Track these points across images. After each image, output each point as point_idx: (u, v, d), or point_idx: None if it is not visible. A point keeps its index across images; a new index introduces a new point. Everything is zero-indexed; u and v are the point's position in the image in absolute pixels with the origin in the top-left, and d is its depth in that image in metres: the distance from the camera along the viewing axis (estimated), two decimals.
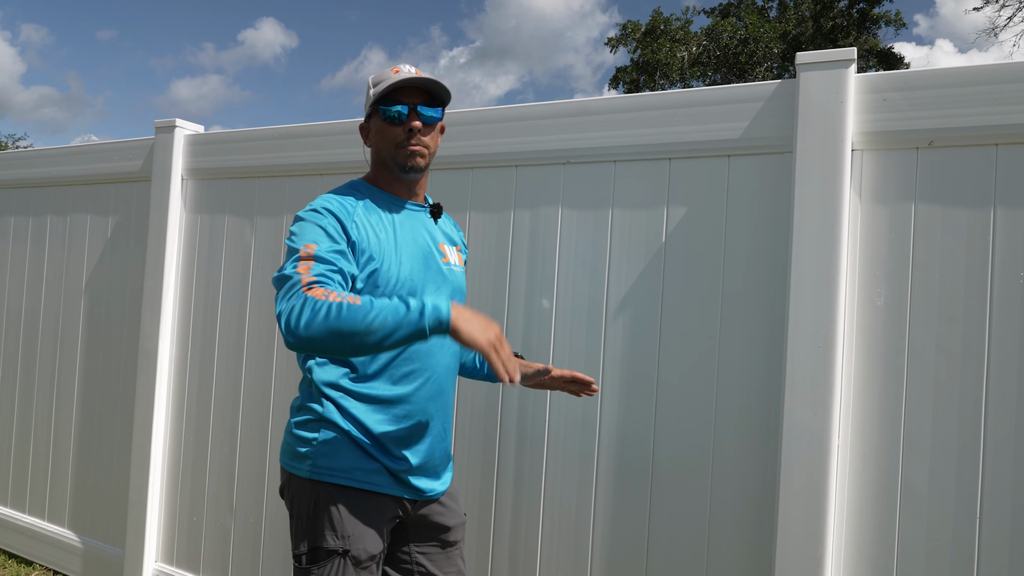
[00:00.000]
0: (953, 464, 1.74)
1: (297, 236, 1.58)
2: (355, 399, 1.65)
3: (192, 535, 2.96)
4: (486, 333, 1.42)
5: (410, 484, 1.69)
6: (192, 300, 3.01)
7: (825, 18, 17.49)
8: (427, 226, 1.78)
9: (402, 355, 1.67)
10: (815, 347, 1.81)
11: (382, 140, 1.73)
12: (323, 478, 1.62)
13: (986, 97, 1.73)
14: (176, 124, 3.04)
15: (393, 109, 1.69)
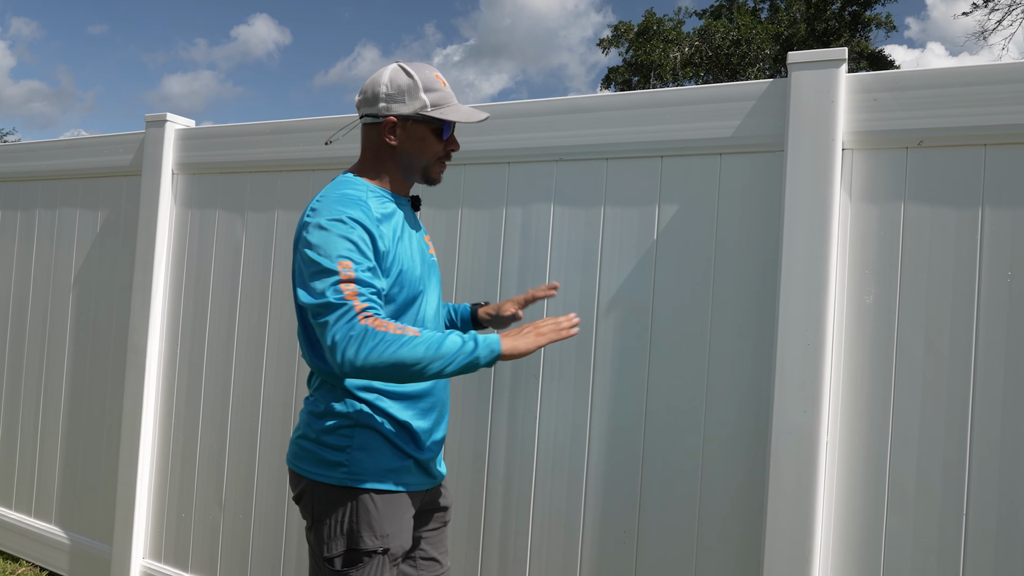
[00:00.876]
0: (940, 462, 1.75)
1: (324, 250, 1.50)
2: (390, 398, 1.67)
3: (180, 531, 2.95)
4: (534, 342, 1.56)
5: (431, 472, 1.77)
6: (182, 295, 3.00)
7: (817, 20, 17.57)
8: (415, 221, 1.81)
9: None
10: (805, 345, 1.82)
11: (421, 149, 1.72)
12: (360, 484, 1.62)
13: (975, 98, 1.74)
14: (167, 118, 3.02)
15: (447, 127, 1.73)
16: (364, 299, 1.47)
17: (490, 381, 2.32)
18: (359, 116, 1.75)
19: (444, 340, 1.47)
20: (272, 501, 2.72)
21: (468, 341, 1.49)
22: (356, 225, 1.54)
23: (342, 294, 1.46)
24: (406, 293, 1.65)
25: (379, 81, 1.71)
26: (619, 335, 2.13)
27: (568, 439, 2.19)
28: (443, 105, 1.70)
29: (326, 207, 1.58)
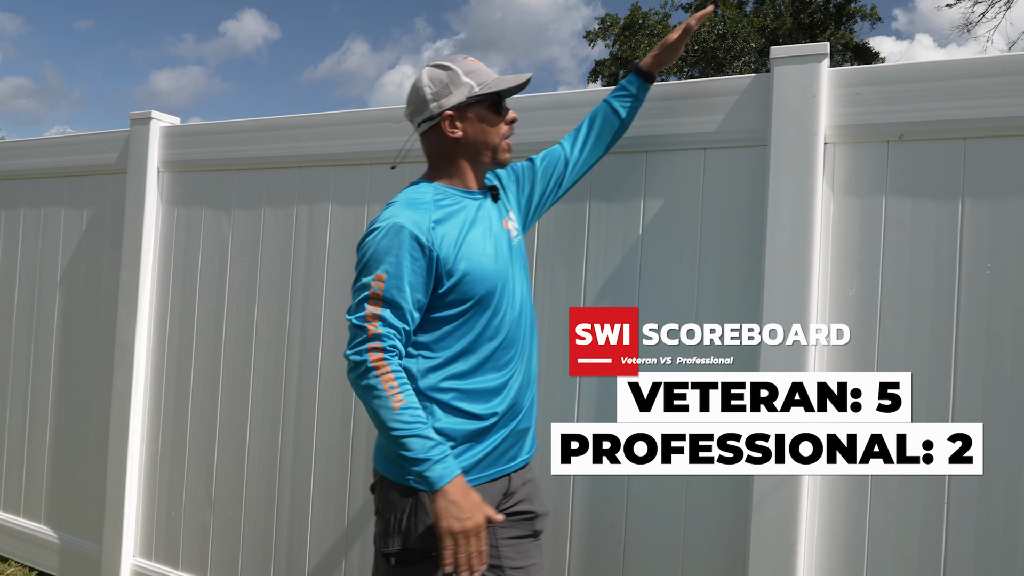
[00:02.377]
0: None
1: (366, 260, 1.60)
2: (464, 399, 1.66)
3: (170, 529, 2.95)
4: (458, 523, 1.50)
5: (508, 454, 1.73)
6: (169, 293, 2.99)
7: (802, 13, 17.62)
8: (493, 209, 1.79)
9: (502, 345, 1.70)
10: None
11: (485, 133, 1.73)
12: (419, 486, 1.62)
13: (954, 92, 1.77)
14: (152, 116, 3.01)
15: (501, 104, 1.73)
16: (384, 326, 1.56)
17: None
18: (415, 128, 1.78)
19: (410, 429, 1.52)
20: (262, 499, 2.73)
21: (424, 453, 1.51)
22: (403, 233, 1.59)
23: (364, 315, 1.57)
24: (477, 291, 1.65)
25: (419, 86, 1.74)
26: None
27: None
28: (488, 80, 1.71)
29: (383, 214, 1.64)
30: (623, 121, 1.97)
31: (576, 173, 1.97)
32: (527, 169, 1.93)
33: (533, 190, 1.92)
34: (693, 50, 16.90)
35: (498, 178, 1.90)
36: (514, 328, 1.72)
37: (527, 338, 1.77)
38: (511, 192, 1.90)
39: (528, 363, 1.78)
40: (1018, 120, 1.71)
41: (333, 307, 2.60)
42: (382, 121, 2.52)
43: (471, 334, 1.66)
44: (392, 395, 1.52)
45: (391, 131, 2.50)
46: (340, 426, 2.57)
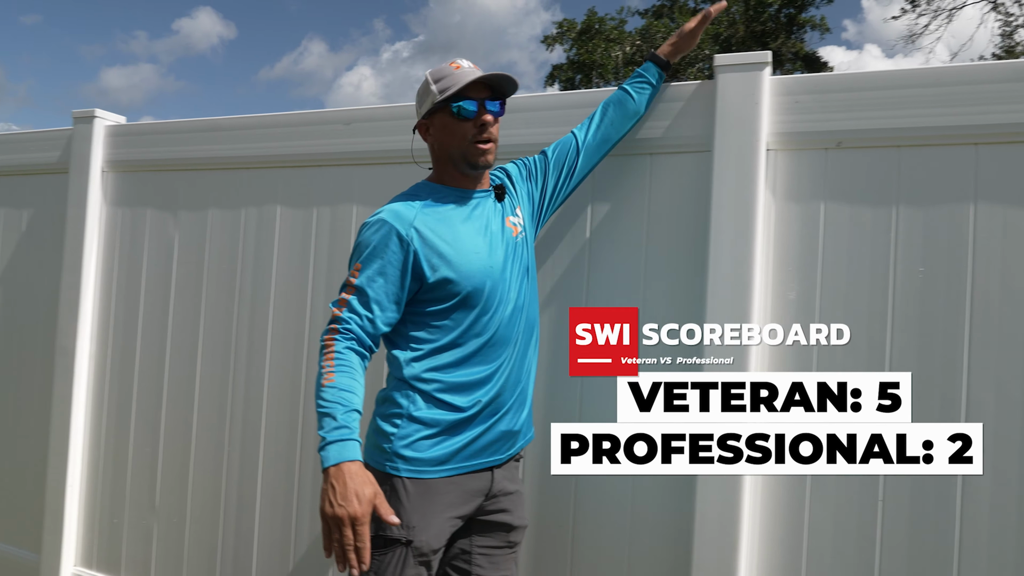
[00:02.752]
0: None
1: (354, 250, 1.73)
2: (446, 391, 1.69)
3: (112, 537, 2.88)
4: (329, 507, 1.49)
5: (491, 448, 1.74)
6: (112, 296, 2.93)
7: (755, 21, 17.97)
8: (495, 209, 1.81)
9: (489, 342, 1.72)
10: (731, 341, 1.88)
11: (451, 137, 1.75)
12: (398, 472, 1.66)
13: (888, 101, 1.82)
14: (95, 114, 2.95)
15: (464, 105, 1.72)
16: (348, 311, 1.65)
17: None
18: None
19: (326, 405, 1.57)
20: (207, 505, 2.68)
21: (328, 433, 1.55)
22: (384, 228, 1.68)
23: (336, 301, 1.68)
24: (463, 288, 1.69)
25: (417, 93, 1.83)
26: (553, 332, 2.16)
27: None
28: (451, 87, 1.72)
29: (378, 209, 1.74)
30: (637, 105, 2.00)
31: (590, 158, 1.99)
32: (539, 162, 1.96)
33: (546, 182, 1.95)
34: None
35: (508, 175, 1.93)
36: (505, 326, 1.74)
37: (521, 337, 1.79)
38: (522, 189, 1.92)
39: (519, 362, 1.79)
40: (948, 130, 1.77)
41: (281, 310, 2.57)
42: (331, 123, 2.51)
43: (457, 329, 1.71)
44: (326, 372, 1.60)
45: (340, 133, 2.48)
46: (288, 430, 2.54)
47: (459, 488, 1.71)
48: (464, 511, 1.73)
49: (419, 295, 1.70)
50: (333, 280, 2.48)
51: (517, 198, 1.90)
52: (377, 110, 2.45)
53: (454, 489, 1.70)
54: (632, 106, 1.99)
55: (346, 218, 2.48)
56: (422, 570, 1.66)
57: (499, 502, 1.80)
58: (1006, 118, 1.73)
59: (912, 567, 1.78)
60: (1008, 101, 1.73)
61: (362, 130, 2.45)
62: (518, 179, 1.93)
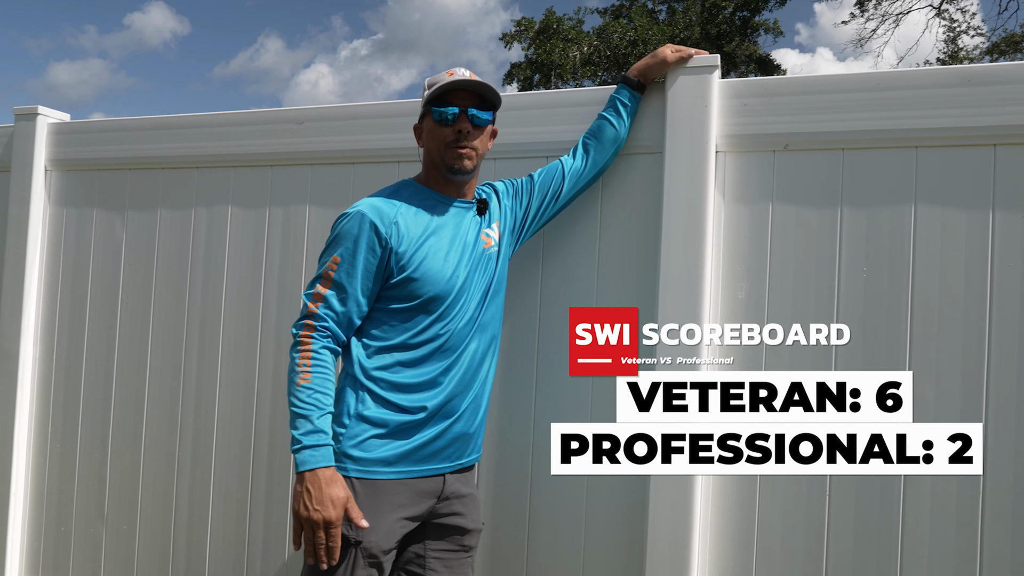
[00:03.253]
0: None
1: (331, 241, 1.73)
2: (393, 389, 1.70)
3: (60, 546, 2.81)
4: (304, 511, 1.57)
5: (443, 454, 1.75)
6: (57, 299, 2.85)
7: (710, 24, 18.21)
8: (473, 221, 1.84)
9: (443, 348, 1.74)
10: (683, 339, 1.90)
11: (432, 141, 1.79)
12: (347, 472, 1.66)
13: (833, 105, 1.87)
14: (38, 111, 2.87)
15: (444, 110, 1.75)
16: (326, 307, 1.68)
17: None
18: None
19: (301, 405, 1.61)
20: (158, 512, 2.63)
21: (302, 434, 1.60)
22: (365, 222, 1.69)
23: (311, 294, 1.70)
24: (425, 292, 1.71)
25: None
26: (508, 332, 2.17)
27: None
28: (437, 91, 1.77)
29: (358, 201, 1.75)
30: (617, 131, 2.01)
31: (576, 185, 2.01)
32: (526, 184, 1.99)
33: (531, 203, 1.97)
34: (605, 56, 17.23)
35: (495, 191, 1.96)
36: (459, 334, 1.75)
37: (477, 348, 1.79)
38: (506, 205, 1.95)
39: (473, 371, 1.79)
40: (889, 133, 1.82)
41: (233, 311, 2.54)
42: (284, 122, 2.48)
43: (412, 330, 1.73)
44: (301, 371, 1.62)
45: (293, 132, 2.46)
46: (241, 435, 2.51)
47: (409, 489, 1.71)
48: (415, 512, 1.73)
49: (382, 292, 1.73)
50: (286, 281, 2.45)
51: (499, 214, 1.93)
52: (329, 110, 2.43)
53: (404, 490, 1.70)
54: (612, 132, 2.01)
55: (299, 218, 2.45)
56: (373, 571, 1.66)
57: (452, 505, 1.80)
58: (944, 122, 1.78)
59: (857, 559, 1.82)
60: (946, 106, 1.78)
61: (314, 130, 2.43)
62: (504, 195, 1.96)
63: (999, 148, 1.76)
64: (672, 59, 1.97)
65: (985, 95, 1.76)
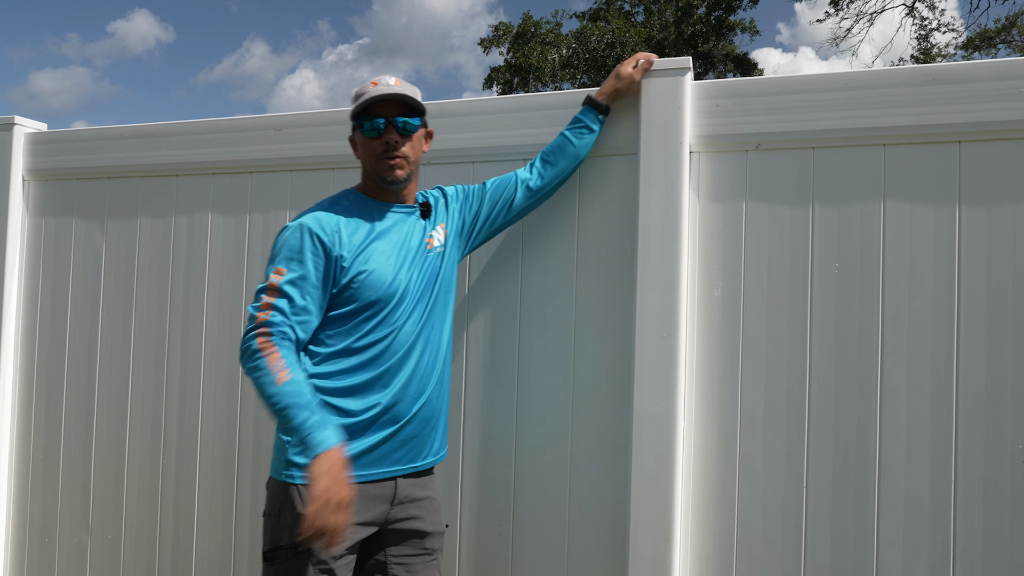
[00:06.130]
0: (783, 440, 1.91)
1: (274, 253, 1.71)
2: (335, 395, 1.70)
3: (44, 555, 2.80)
4: (330, 490, 1.48)
5: (393, 456, 1.74)
6: (38, 308, 2.84)
7: (686, 24, 18.33)
8: (417, 225, 1.85)
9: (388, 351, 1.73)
10: (660, 337, 1.94)
11: (364, 153, 1.81)
12: (293, 480, 1.66)
13: (803, 104, 1.91)
14: (15, 121, 2.86)
15: (370, 124, 1.76)
16: (275, 313, 1.64)
17: None
18: None
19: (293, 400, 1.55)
20: (143, 520, 2.63)
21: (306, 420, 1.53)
22: (308, 233, 1.69)
23: (259, 305, 1.66)
24: (369, 297, 1.71)
25: None
26: (489, 334, 2.19)
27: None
28: (361, 104, 1.77)
29: (300, 214, 1.75)
30: (577, 150, 2.03)
31: (530, 198, 2.02)
32: (478, 191, 2.01)
33: (480, 210, 1.99)
34: (584, 59, 17.30)
35: (443, 194, 1.98)
36: (404, 338, 1.75)
37: (426, 350, 1.80)
38: (454, 208, 1.96)
39: (424, 374, 1.79)
40: (857, 132, 1.86)
41: (215, 317, 2.54)
42: (263, 129, 2.49)
43: (355, 335, 1.73)
44: (277, 372, 1.58)
45: (273, 139, 2.47)
46: (225, 441, 2.51)
47: (359, 494, 1.68)
48: (367, 517, 1.72)
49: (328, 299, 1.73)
50: None
51: (445, 216, 1.94)
52: (308, 116, 2.45)
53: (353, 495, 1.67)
54: (572, 151, 2.03)
55: (280, 225, 2.46)
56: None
57: (407, 509, 1.80)
58: (911, 120, 1.83)
59: (835, 548, 1.86)
60: (912, 104, 1.83)
61: (294, 136, 2.45)
62: (453, 199, 1.98)
63: (963, 145, 1.81)
64: (639, 76, 2.01)
65: (950, 93, 1.81)
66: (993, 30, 16.32)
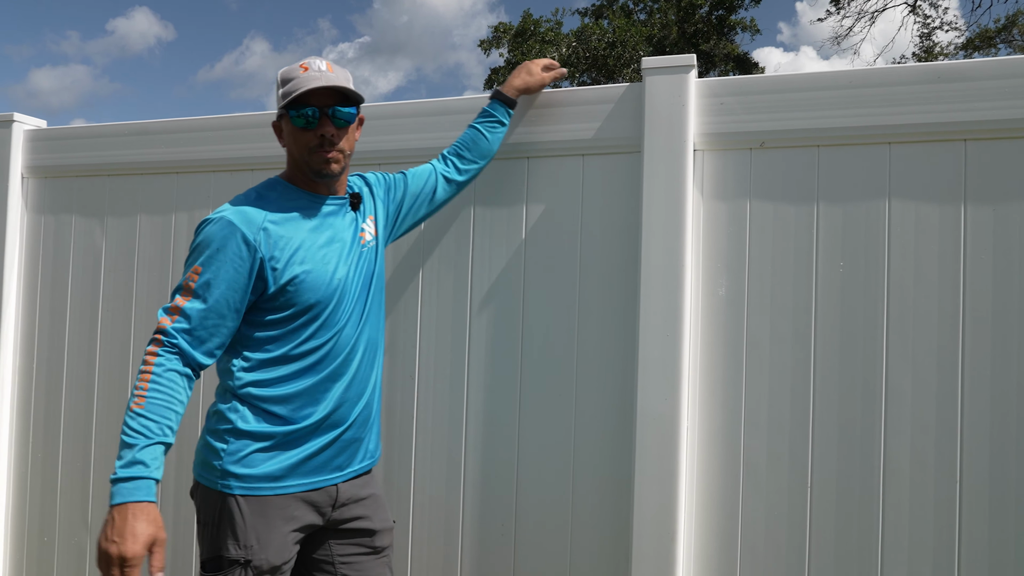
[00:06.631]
0: (787, 440, 1.90)
1: (194, 249, 1.59)
2: (267, 401, 1.63)
3: (43, 556, 2.79)
4: (114, 544, 1.37)
5: (333, 463, 1.69)
6: (37, 306, 2.83)
7: (687, 23, 18.32)
8: (348, 218, 1.76)
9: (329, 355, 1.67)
10: (664, 337, 1.92)
11: (294, 144, 1.67)
12: (229, 490, 1.60)
13: (807, 103, 1.90)
14: (14, 119, 2.84)
15: (303, 114, 1.62)
16: (179, 321, 1.53)
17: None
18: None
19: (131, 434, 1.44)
20: None
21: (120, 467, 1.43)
22: (231, 231, 1.57)
23: (168, 307, 1.55)
24: (307, 299, 1.62)
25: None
26: (491, 332, 2.18)
27: (445, 436, 2.22)
28: (292, 92, 1.62)
29: (222, 206, 1.63)
30: (490, 145, 2.05)
31: (448, 191, 2.02)
32: (399, 180, 1.97)
33: (403, 199, 1.95)
34: (584, 57, 17.29)
35: (367, 183, 1.90)
36: (345, 340, 1.69)
37: (363, 351, 1.74)
38: (380, 196, 1.90)
39: (364, 375, 1.75)
40: (862, 130, 1.85)
41: None
42: (263, 126, 2.47)
43: (294, 340, 1.64)
44: (136, 396, 1.47)
45: (273, 136, 2.45)
46: None
47: (300, 501, 1.64)
48: (308, 521, 1.68)
49: (258, 303, 1.62)
50: None
51: (372, 207, 1.86)
52: None
53: (294, 503, 1.64)
54: (486, 145, 2.05)
55: None
56: None
57: (351, 509, 1.75)
58: (916, 118, 1.81)
59: (839, 550, 1.85)
60: (917, 102, 1.81)
61: None
62: (377, 186, 1.91)
63: (969, 143, 1.79)
64: (548, 80, 2.10)
65: (955, 91, 1.79)
66: (993, 30, 16.31)
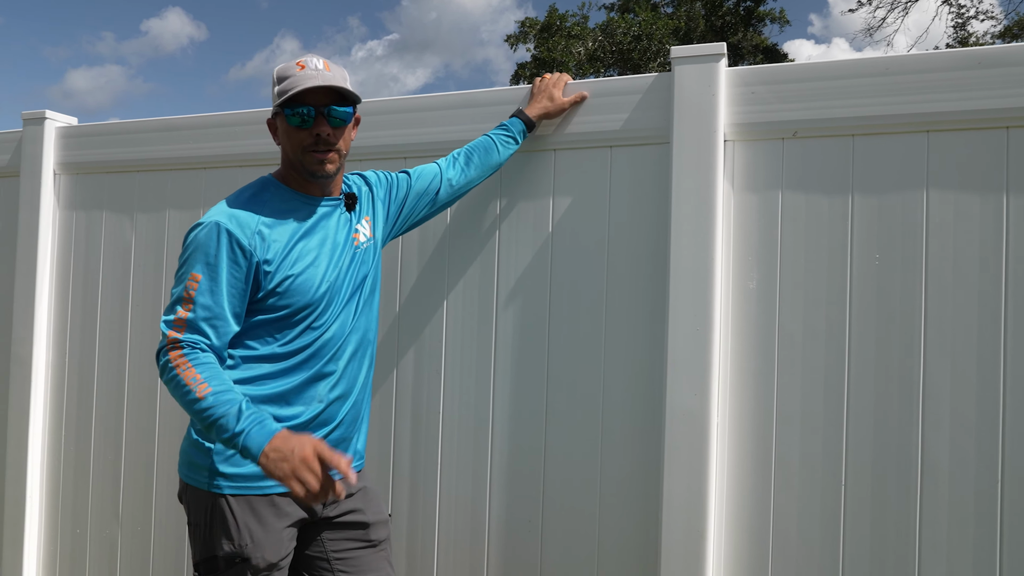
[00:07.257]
0: (820, 437, 1.86)
1: (187, 259, 1.57)
2: (257, 401, 1.61)
3: (76, 548, 2.82)
4: (287, 464, 1.38)
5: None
6: (69, 302, 2.86)
7: (714, 15, 18.13)
8: (343, 219, 1.74)
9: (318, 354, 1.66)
10: (694, 331, 1.89)
11: (289, 143, 1.65)
12: (219, 490, 1.59)
13: (842, 91, 1.85)
14: (46, 116, 2.87)
15: (299, 112, 1.60)
16: (189, 330, 1.52)
17: (392, 380, 2.31)
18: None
19: (216, 408, 1.43)
20: (172, 512, 2.64)
21: (235, 426, 1.42)
22: (224, 236, 1.55)
23: (171, 320, 1.54)
24: (298, 301, 1.61)
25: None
26: (518, 326, 2.16)
27: (472, 432, 2.21)
28: (289, 90, 1.60)
29: (212, 209, 1.61)
30: (500, 158, 2.04)
31: (453, 193, 2.00)
32: (403, 179, 1.94)
33: (406, 199, 1.93)
34: (610, 51, 17.18)
35: (366, 182, 1.88)
36: (334, 341, 1.68)
37: (354, 351, 1.73)
38: (379, 197, 1.87)
39: (352, 375, 1.73)
40: (899, 118, 1.80)
41: None
42: None
43: (282, 340, 1.63)
44: (195, 387, 1.46)
45: None
46: None
47: (289, 498, 1.62)
48: (300, 516, 1.67)
49: (249, 304, 1.61)
50: None
51: (369, 207, 1.84)
52: None
53: (284, 501, 1.63)
54: (496, 158, 2.03)
55: None
56: None
57: (342, 505, 1.73)
58: (954, 106, 1.76)
59: (875, 549, 1.81)
60: (956, 89, 1.76)
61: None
62: (377, 187, 1.88)
63: (1012, 131, 1.74)
64: (568, 104, 2.06)
65: (996, 77, 1.74)
66: None
